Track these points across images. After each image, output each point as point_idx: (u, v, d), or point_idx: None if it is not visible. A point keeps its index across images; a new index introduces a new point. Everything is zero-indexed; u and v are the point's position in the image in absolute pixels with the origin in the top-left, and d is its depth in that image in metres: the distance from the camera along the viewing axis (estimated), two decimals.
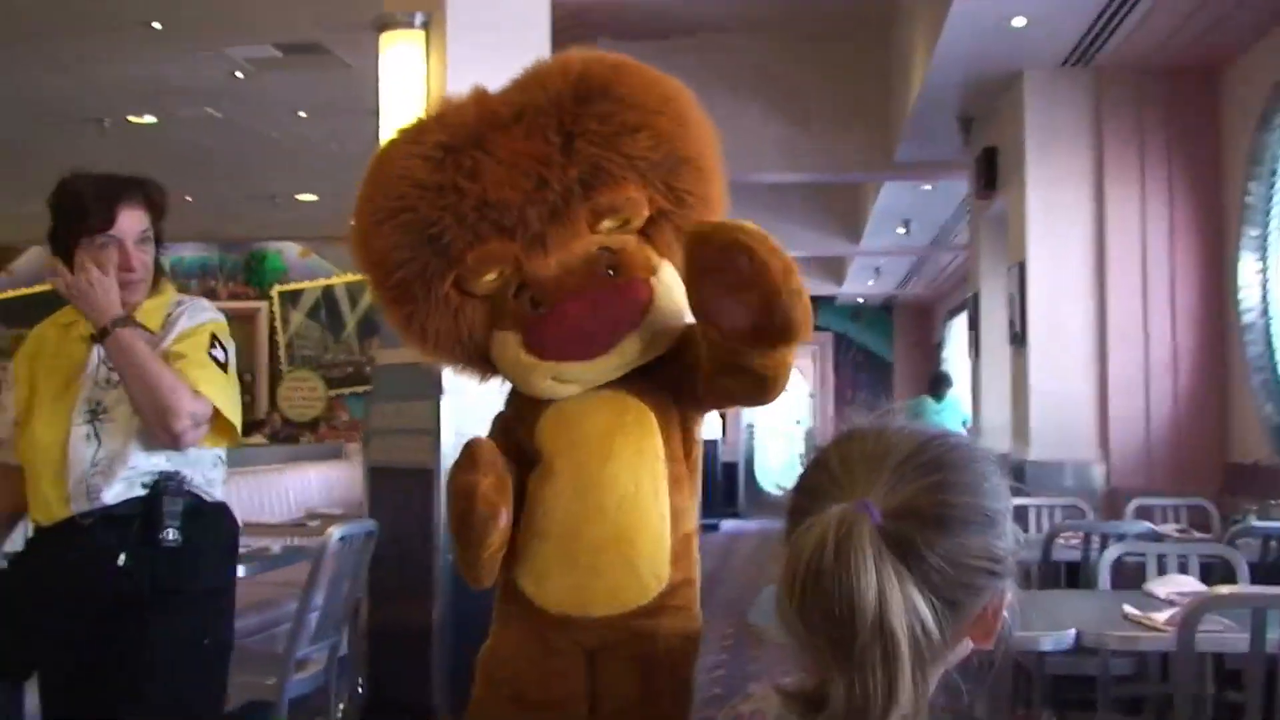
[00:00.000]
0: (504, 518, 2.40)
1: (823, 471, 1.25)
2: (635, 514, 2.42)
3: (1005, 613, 1.25)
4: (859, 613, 1.12)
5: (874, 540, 1.15)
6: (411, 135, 2.54)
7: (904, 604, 1.13)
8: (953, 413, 11.33)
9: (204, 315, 3.13)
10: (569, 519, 2.44)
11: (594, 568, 2.42)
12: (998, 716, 2.92)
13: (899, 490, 1.20)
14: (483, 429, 2.60)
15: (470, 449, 2.43)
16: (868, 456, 1.23)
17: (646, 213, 2.48)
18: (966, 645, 1.26)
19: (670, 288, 2.48)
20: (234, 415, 3.03)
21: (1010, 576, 1.25)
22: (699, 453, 2.59)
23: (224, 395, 3.00)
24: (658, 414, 2.48)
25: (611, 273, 2.46)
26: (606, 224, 2.46)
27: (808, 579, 1.14)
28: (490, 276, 2.46)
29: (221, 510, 3.11)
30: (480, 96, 2.52)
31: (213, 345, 3.05)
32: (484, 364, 2.64)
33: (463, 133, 2.46)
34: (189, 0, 8.00)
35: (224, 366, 3.05)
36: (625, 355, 2.46)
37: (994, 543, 1.23)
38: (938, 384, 11.94)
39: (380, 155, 2.60)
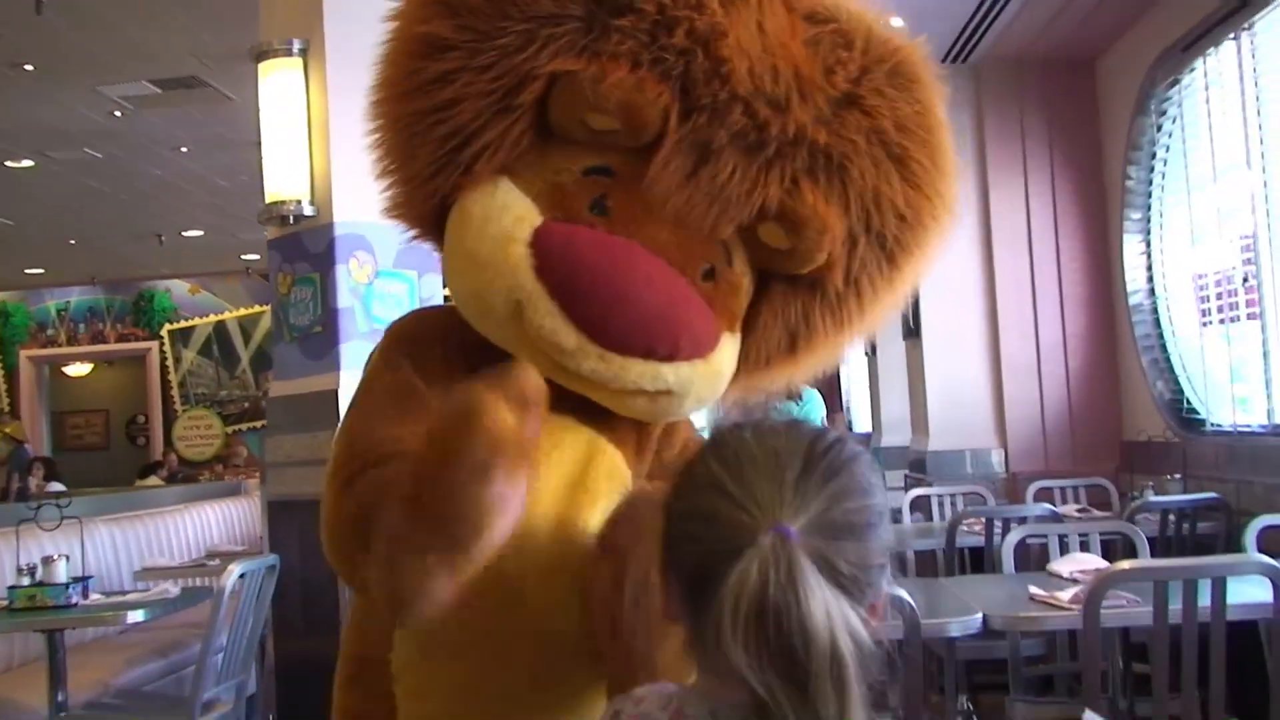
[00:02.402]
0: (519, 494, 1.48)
1: (717, 495, 1.21)
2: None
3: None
4: (814, 643, 1.10)
5: (811, 563, 1.13)
6: None
7: (845, 623, 1.13)
8: (814, 409, 11.41)
9: None
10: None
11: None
12: (912, 704, 2.92)
13: (806, 507, 1.18)
14: None
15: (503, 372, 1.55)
16: (761, 473, 1.21)
17: (812, 265, 1.85)
18: None
19: (721, 370, 1.91)
20: None
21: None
22: None
23: None
24: (629, 459, 1.89)
25: (704, 281, 1.85)
26: (768, 230, 1.84)
27: (750, 615, 1.11)
28: (601, 120, 1.78)
29: None
30: None
31: None
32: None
33: None
34: (61, 40, 7.83)
35: None
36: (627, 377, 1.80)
37: (887, 536, 1.23)
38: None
39: None
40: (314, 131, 4.91)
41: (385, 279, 4.87)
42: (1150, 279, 6.91)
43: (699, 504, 1.22)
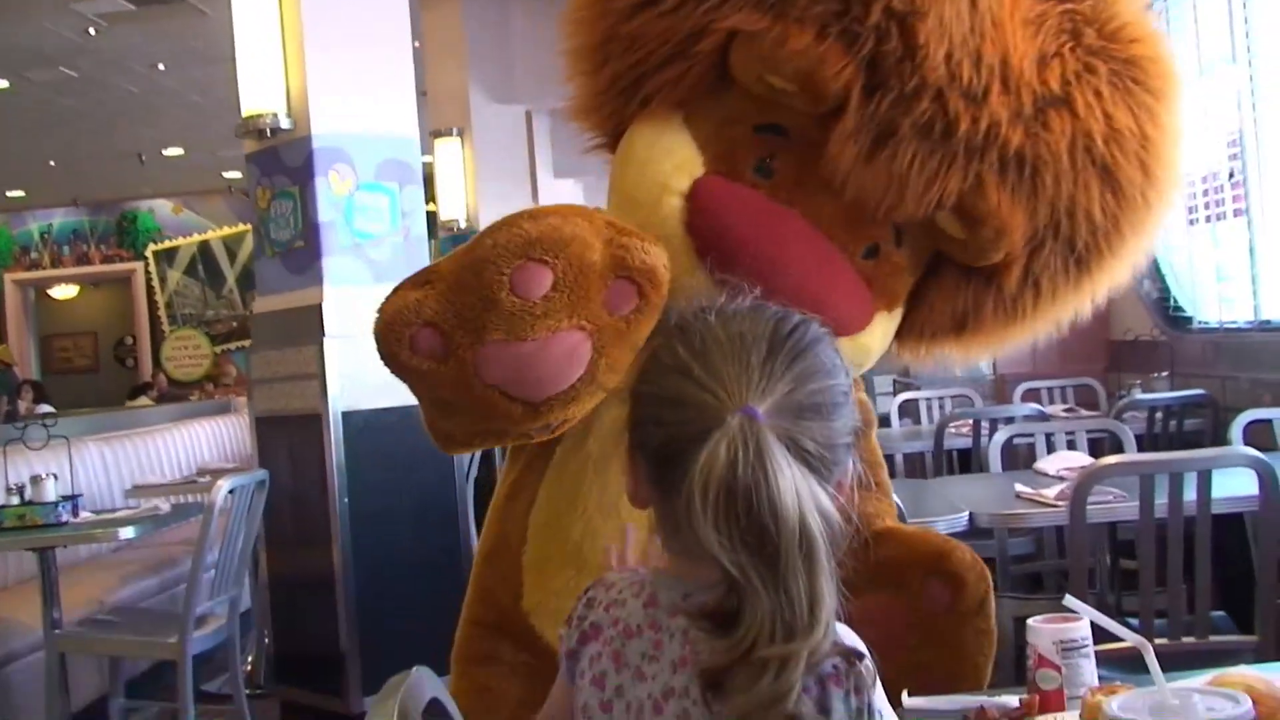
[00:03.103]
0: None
1: (684, 378, 1.21)
2: None
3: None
4: (782, 520, 1.12)
5: (779, 443, 1.15)
6: None
7: (814, 501, 1.14)
8: None
9: None
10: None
11: None
12: None
13: (771, 388, 1.19)
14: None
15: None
16: (729, 357, 1.21)
17: (987, 262, 1.79)
18: None
19: (870, 348, 1.84)
20: None
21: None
22: None
23: None
24: None
25: (865, 258, 1.79)
26: (945, 218, 1.76)
27: (720, 494, 1.12)
28: (778, 82, 1.71)
29: None
30: None
31: None
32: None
33: None
34: None
35: None
36: None
37: (851, 417, 1.25)
38: None
39: None
40: (288, 43, 4.83)
41: (366, 191, 4.82)
42: None
43: (666, 387, 1.23)
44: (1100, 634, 1.55)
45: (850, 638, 1.21)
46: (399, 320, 1.57)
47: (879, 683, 1.20)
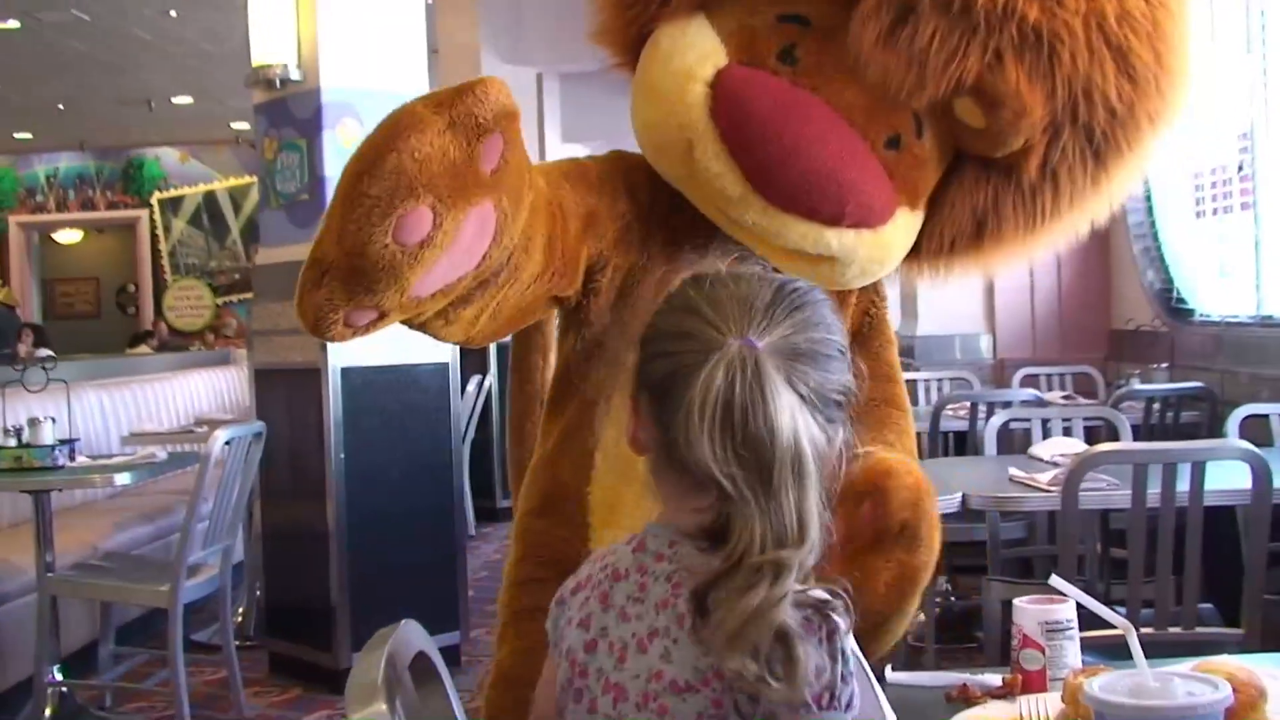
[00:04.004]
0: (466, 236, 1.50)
1: (690, 315, 1.26)
2: None
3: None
4: (777, 434, 1.18)
5: (777, 372, 1.20)
6: None
7: (807, 427, 1.20)
8: None
9: None
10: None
11: None
12: None
13: (771, 329, 1.24)
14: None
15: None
16: (734, 299, 1.26)
17: (1007, 149, 1.78)
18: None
19: (892, 244, 1.83)
20: None
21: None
22: None
23: None
24: None
25: (886, 149, 1.78)
26: (964, 105, 1.76)
27: (717, 410, 1.18)
28: None
29: None
30: None
31: None
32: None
33: None
34: None
35: None
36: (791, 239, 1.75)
37: (845, 376, 1.29)
38: None
39: None
40: None
41: None
42: None
43: (673, 323, 1.29)
44: (1088, 620, 1.56)
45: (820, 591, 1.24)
46: (322, 323, 1.53)
47: (850, 629, 1.22)
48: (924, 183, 1.84)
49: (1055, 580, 1.39)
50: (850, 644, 1.23)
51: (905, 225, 1.85)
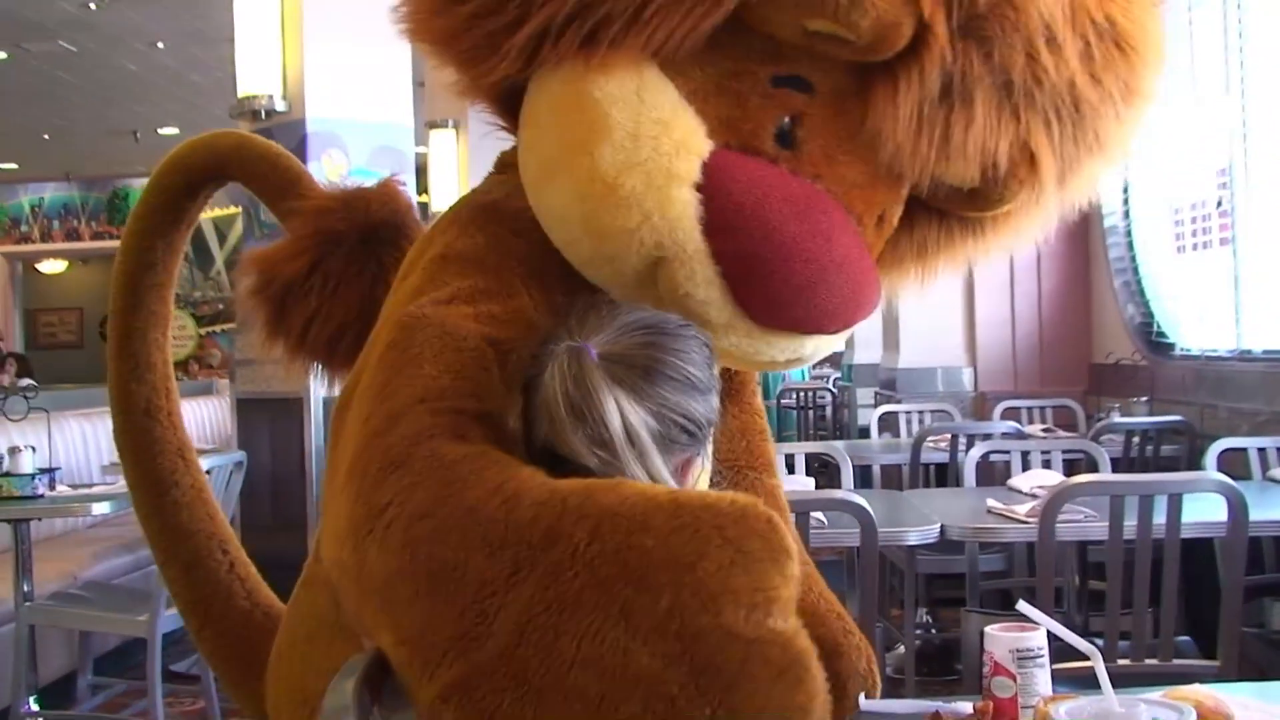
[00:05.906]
0: None
1: (561, 325, 1.36)
2: None
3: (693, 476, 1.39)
4: (608, 424, 1.27)
5: (598, 369, 1.29)
6: None
7: (637, 415, 1.29)
8: None
9: None
10: None
11: None
12: (867, 610, 2.95)
13: (618, 342, 1.33)
14: None
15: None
16: (601, 316, 1.36)
17: (992, 213, 1.59)
18: None
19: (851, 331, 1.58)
20: None
21: (706, 444, 1.41)
22: None
23: None
24: None
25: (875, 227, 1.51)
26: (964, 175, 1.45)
27: (554, 404, 1.29)
28: (824, 25, 1.29)
29: None
30: None
31: None
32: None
33: None
34: None
35: None
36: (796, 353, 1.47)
37: (691, 404, 1.35)
38: None
39: None
40: (288, 27, 4.85)
41: (358, 177, 4.80)
42: (1125, 201, 6.91)
43: (548, 333, 1.39)
44: (1062, 652, 1.57)
45: None
46: None
47: None
48: (885, 249, 1.60)
49: (1022, 606, 1.40)
50: None
51: None
